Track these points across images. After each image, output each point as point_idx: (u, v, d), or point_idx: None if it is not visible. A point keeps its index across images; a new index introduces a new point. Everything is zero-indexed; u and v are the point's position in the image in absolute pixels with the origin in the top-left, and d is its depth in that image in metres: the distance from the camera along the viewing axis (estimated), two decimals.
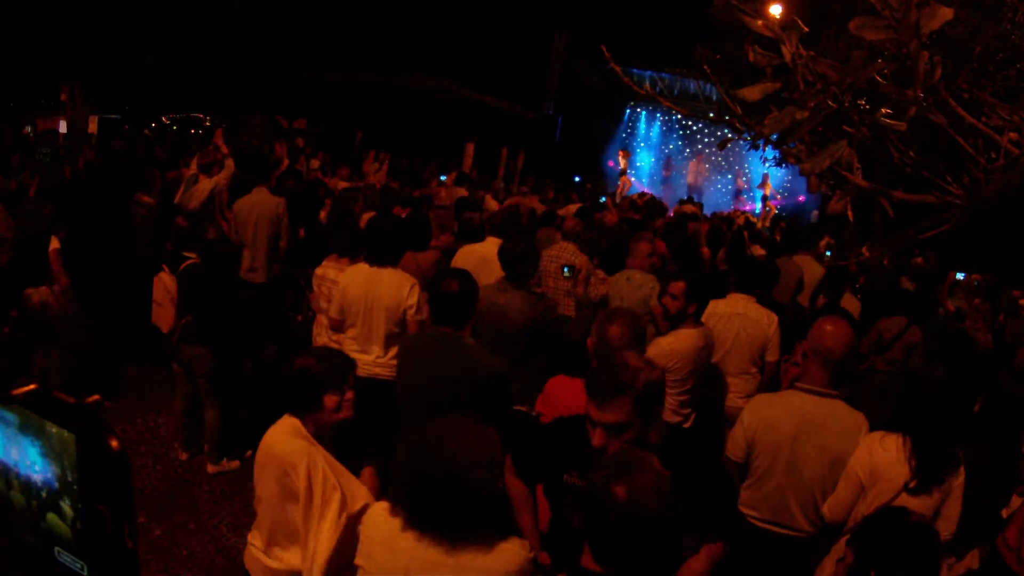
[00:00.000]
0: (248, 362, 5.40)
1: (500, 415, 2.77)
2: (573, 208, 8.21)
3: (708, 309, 3.92)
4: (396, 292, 3.76)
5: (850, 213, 1.81)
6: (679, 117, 19.14)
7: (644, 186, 18.75)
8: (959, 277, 6.87)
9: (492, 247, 4.59)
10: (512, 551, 1.81)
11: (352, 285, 3.81)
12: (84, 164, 8.56)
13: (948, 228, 1.81)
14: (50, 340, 4.89)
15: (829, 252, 9.68)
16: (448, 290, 2.96)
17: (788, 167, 13.90)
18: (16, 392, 0.98)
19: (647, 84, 16.83)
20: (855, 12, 1.43)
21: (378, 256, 3.86)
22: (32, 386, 0.99)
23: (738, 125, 1.75)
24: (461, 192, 9.14)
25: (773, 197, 17.01)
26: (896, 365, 4.73)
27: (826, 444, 2.66)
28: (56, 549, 1.00)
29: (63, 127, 10.64)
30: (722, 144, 2.08)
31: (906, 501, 2.46)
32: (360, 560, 1.89)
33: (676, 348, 3.51)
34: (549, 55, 18.21)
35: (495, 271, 4.22)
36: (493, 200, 8.99)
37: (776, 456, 2.72)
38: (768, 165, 12.67)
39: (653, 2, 14.90)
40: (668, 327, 3.62)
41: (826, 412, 2.68)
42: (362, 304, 3.78)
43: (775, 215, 15.78)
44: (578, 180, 15.97)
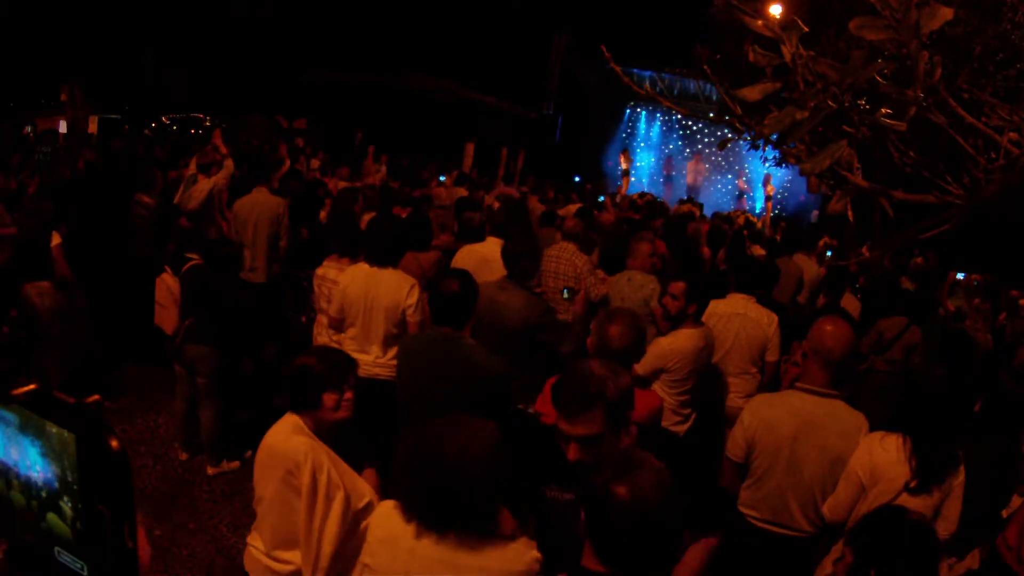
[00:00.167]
0: (248, 362, 5.40)
1: (500, 415, 2.77)
2: (573, 208, 8.20)
3: (708, 309, 3.92)
4: (395, 292, 3.76)
5: (850, 213, 1.81)
6: (679, 117, 19.13)
7: (644, 186, 18.73)
8: (959, 277, 6.87)
9: (492, 247, 4.60)
10: (518, 550, 1.79)
11: (352, 285, 3.81)
12: (84, 164, 8.56)
13: (948, 228, 1.81)
14: (49, 339, 4.89)
15: (829, 252, 9.68)
16: (448, 290, 2.96)
17: (788, 167, 13.89)
18: (16, 392, 0.98)
19: (647, 84, 16.83)
20: (855, 12, 1.43)
21: (378, 256, 3.85)
22: (32, 386, 0.99)
23: (738, 125, 1.75)
24: (461, 192, 9.15)
25: (774, 197, 16.99)
26: (896, 365, 4.73)
27: (826, 444, 2.66)
28: (56, 549, 1.00)
29: (63, 127, 10.63)
30: (722, 144, 2.08)
31: (906, 501, 2.46)
32: (366, 559, 1.89)
33: (676, 348, 3.51)
34: (549, 55, 18.20)
35: (495, 271, 4.21)
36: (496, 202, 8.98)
37: (776, 456, 2.72)
38: (768, 165, 12.65)
39: (653, 2, 14.89)
40: (669, 327, 3.62)
41: (826, 412, 2.68)
42: (361, 304, 3.78)
43: (775, 215, 15.79)
44: (578, 180, 15.95)
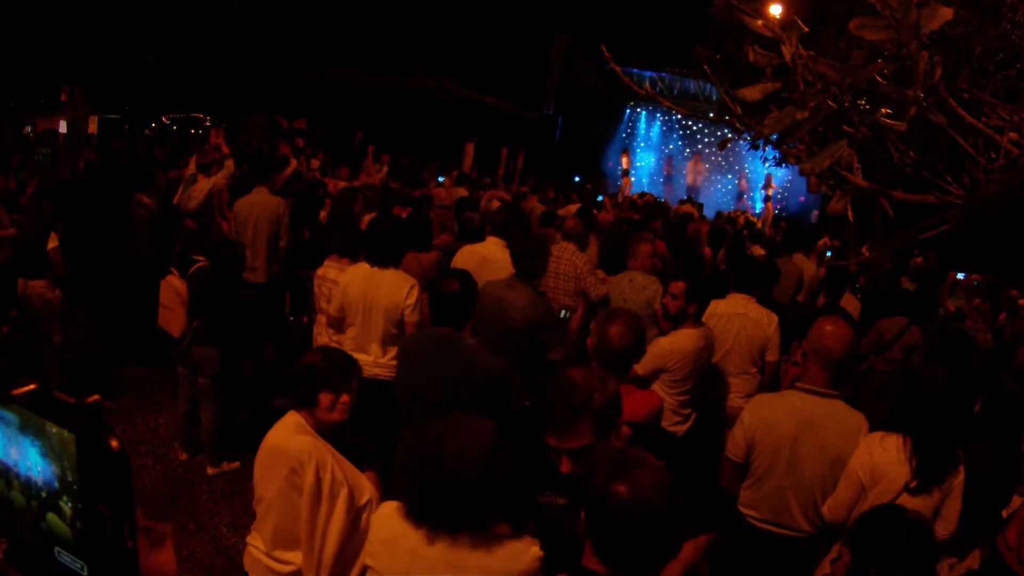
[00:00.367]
0: (249, 362, 5.41)
1: (500, 415, 2.77)
2: (573, 208, 8.21)
3: (708, 309, 3.92)
4: (395, 292, 3.75)
5: (850, 213, 1.81)
6: (679, 117, 19.12)
7: (644, 186, 18.72)
8: (959, 277, 6.87)
9: (492, 247, 4.60)
10: (520, 549, 1.78)
11: (352, 285, 3.81)
12: (84, 164, 8.56)
13: (948, 228, 1.81)
14: (49, 339, 4.90)
15: (829, 253, 9.68)
16: (448, 290, 2.96)
17: (788, 167, 13.89)
18: (16, 392, 0.98)
19: (647, 84, 16.83)
20: (855, 12, 1.43)
21: (379, 256, 3.85)
22: (32, 386, 0.99)
23: (738, 125, 1.75)
24: (461, 192, 9.15)
25: (774, 198, 17.00)
26: (896, 365, 4.73)
27: (826, 444, 2.66)
28: (56, 549, 1.00)
29: (63, 127, 10.64)
30: (722, 144, 2.07)
31: (906, 501, 2.46)
32: (367, 560, 1.88)
33: (676, 348, 3.51)
34: (549, 55, 18.19)
35: (495, 271, 4.21)
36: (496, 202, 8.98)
37: (776, 456, 2.72)
38: (768, 165, 12.66)
39: (653, 2, 14.88)
40: (670, 327, 3.63)
41: (826, 412, 2.68)
42: (361, 304, 3.77)
43: (775, 215, 15.79)
44: (578, 180, 15.95)
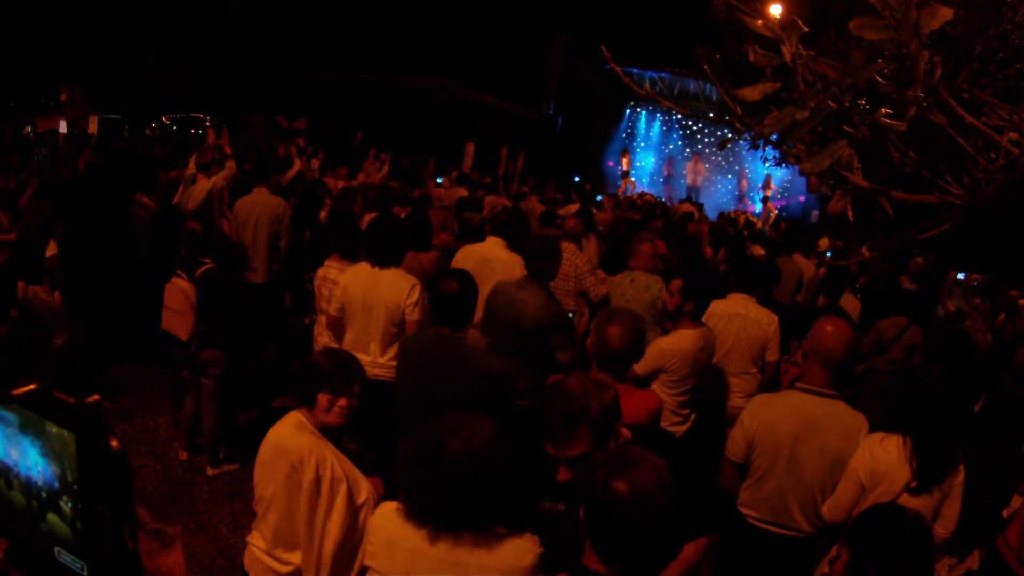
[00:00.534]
0: (251, 362, 5.40)
1: (499, 415, 2.77)
2: (573, 208, 8.22)
3: (708, 309, 3.92)
4: (397, 291, 3.75)
5: (850, 213, 1.81)
6: (679, 117, 19.12)
7: (644, 186, 18.72)
8: (960, 277, 6.87)
9: (492, 247, 4.59)
10: (521, 546, 1.78)
11: (353, 284, 3.80)
12: (84, 164, 8.56)
13: (948, 228, 1.81)
14: (49, 339, 4.90)
15: (829, 253, 9.68)
16: (448, 290, 2.95)
17: (788, 167, 13.90)
18: (16, 392, 0.98)
19: (647, 84, 16.83)
20: (855, 12, 1.42)
21: (379, 257, 3.84)
22: (32, 386, 0.99)
23: (738, 125, 1.75)
24: (461, 192, 9.15)
25: (774, 198, 17.00)
26: (896, 365, 4.74)
27: (826, 444, 2.66)
28: (56, 549, 1.00)
29: (63, 127, 10.64)
30: (722, 144, 2.08)
31: (907, 501, 2.46)
32: (369, 560, 1.88)
33: (675, 349, 3.51)
34: (549, 55, 18.19)
35: (495, 271, 4.21)
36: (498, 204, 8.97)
37: (776, 456, 2.72)
38: (768, 165, 12.66)
39: (653, 2, 14.88)
40: (672, 326, 3.65)
41: (826, 412, 2.68)
42: (361, 304, 3.77)
43: (775, 215, 15.79)
44: (578, 180, 15.96)
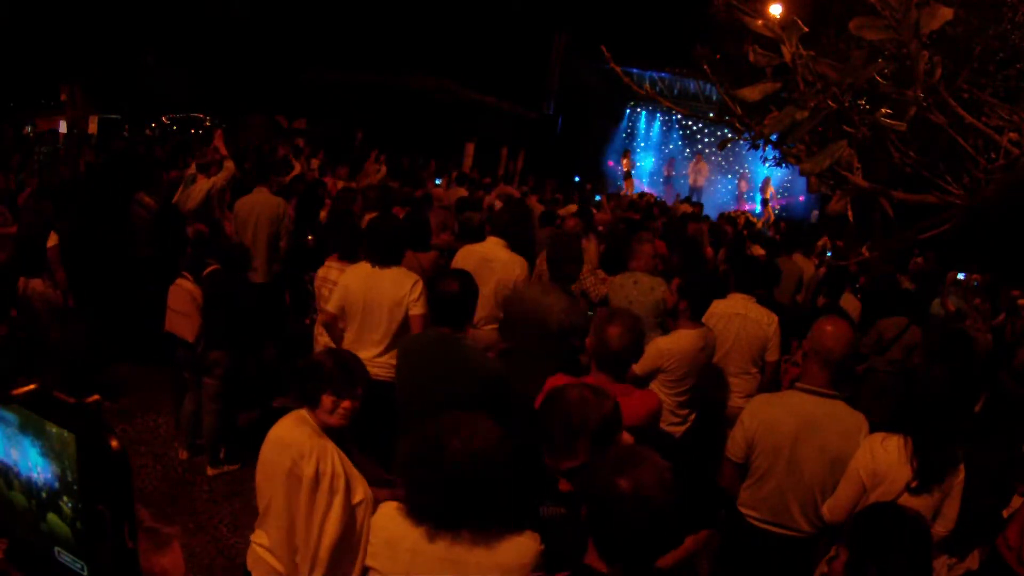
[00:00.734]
0: (251, 362, 5.40)
1: (499, 415, 2.77)
2: (573, 208, 8.22)
3: (708, 309, 3.92)
4: (399, 289, 3.73)
5: (850, 213, 1.81)
6: (679, 117, 19.11)
7: (644, 186, 18.71)
8: (960, 277, 6.88)
9: (492, 247, 4.58)
10: (522, 544, 1.78)
11: (353, 284, 3.79)
12: (84, 164, 8.57)
13: (948, 228, 1.81)
14: (49, 338, 4.90)
15: (829, 253, 9.69)
16: (448, 290, 2.95)
17: (788, 167, 13.90)
18: (16, 392, 0.98)
19: (647, 84, 16.83)
20: (855, 12, 1.43)
21: (379, 257, 3.84)
22: (32, 386, 0.99)
23: (738, 125, 1.75)
24: (461, 192, 9.15)
25: (774, 198, 17.00)
26: (896, 365, 4.74)
27: (826, 444, 2.66)
28: (56, 549, 1.00)
29: (63, 127, 10.66)
30: (722, 144, 2.08)
31: (907, 501, 2.46)
32: (370, 561, 1.88)
33: (673, 348, 3.51)
34: (549, 55, 18.19)
35: (495, 271, 4.21)
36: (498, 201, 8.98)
37: (776, 456, 2.72)
38: (768, 165, 12.66)
39: (653, 2, 14.88)
40: (674, 325, 3.66)
41: (826, 412, 2.68)
42: (361, 303, 3.76)
43: (776, 216, 15.79)
44: (578, 180, 15.96)
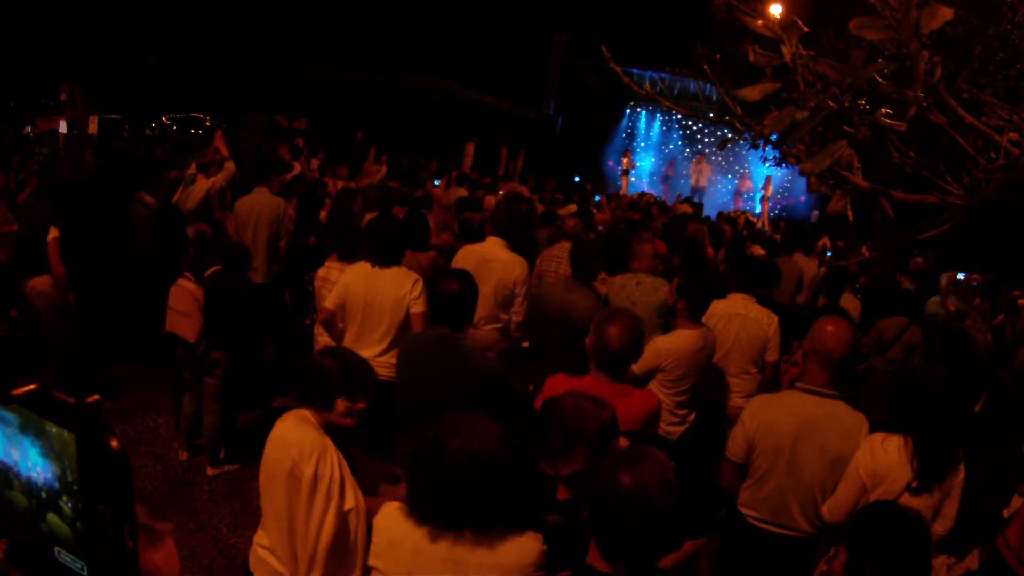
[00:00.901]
0: (251, 362, 5.40)
1: (499, 415, 2.77)
2: (573, 208, 8.22)
3: (708, 309, 3.92)
4: (400, 287, 3.73)
5: (850, 213, 1.81)
6: (679, 117, 19.10)
7: (644, 186, 18.70)
8: (960, 277, 6.87)
9: (492, 247, 4.58)
10: (525, 544, 1.78)
11: (353, 283, 3.79)
12: (86, 165, 8.57)
13: (948, 228, 1.81)
14: (49, 338, 4.90)
15: (829, 253, 9.69)
16: (448, 290, 2.95)
17: (788, 167, 13.90)
18: (16, 392, 0.98)
19: (647, 84, 16.83)
20: (855, 12, 1.43)
21: (380, 257, 3.84)
22: (32, 386, 0.99)
23: (738, 125, 1.75)
24: (461, 192, 9.15)
25: (773, 198, 16.99)
26: (896, 365, 4.74)
27: (826, 444, 2.66)
28: (56, 549, 1.00)
29: (63, 127, 10.66)
30: (722, 144, 2.08)
31: (907, 501, 2.47)
32: (373, 561, 1.89)
33: (672, 348, 3.51)
34: (549, 55, 18.19)
35: (495, 271, 4.21)
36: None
37: (776, 456, 2.72)
38: (768, 165, 12.65)
39: (653, 2, 14.88)
40: (673, 325, 3.67)
41: (826, 412, 2.68)
42: (361, 303, 3.76)
43: (775, 215, 15.79)
44: (578, 180, 15.96)
